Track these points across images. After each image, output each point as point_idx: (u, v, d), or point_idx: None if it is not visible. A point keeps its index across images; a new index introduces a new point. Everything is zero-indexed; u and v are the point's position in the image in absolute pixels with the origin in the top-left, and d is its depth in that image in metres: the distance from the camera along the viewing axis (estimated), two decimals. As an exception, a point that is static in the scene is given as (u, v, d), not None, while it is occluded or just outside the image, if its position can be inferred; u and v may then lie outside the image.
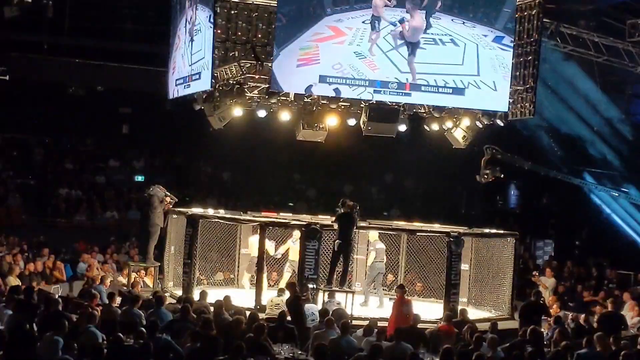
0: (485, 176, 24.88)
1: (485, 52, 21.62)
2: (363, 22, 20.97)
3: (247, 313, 17.25)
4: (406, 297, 18.71)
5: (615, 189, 31.04)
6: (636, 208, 31.77)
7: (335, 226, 20.08)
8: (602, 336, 15.31)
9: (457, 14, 21.42)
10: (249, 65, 21.05)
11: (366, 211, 22.91)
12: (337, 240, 19.90)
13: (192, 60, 22.28)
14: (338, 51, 20.89)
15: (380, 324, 16.77)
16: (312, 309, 17.91)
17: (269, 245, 21.59)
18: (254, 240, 21.88)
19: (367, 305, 21.37)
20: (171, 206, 22.56)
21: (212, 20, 20.86)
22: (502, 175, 25.23)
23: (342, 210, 20.10)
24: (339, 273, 20.26)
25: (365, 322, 16.69)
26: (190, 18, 22.33)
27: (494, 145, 24.96)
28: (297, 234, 21.23)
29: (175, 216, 22.57)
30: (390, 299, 19.91)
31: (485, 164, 24.96)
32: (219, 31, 21.27)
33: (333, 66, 20.80)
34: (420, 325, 17.06)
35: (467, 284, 22.21)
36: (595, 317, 20.69)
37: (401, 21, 21.08)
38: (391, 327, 17.19)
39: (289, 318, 16.84)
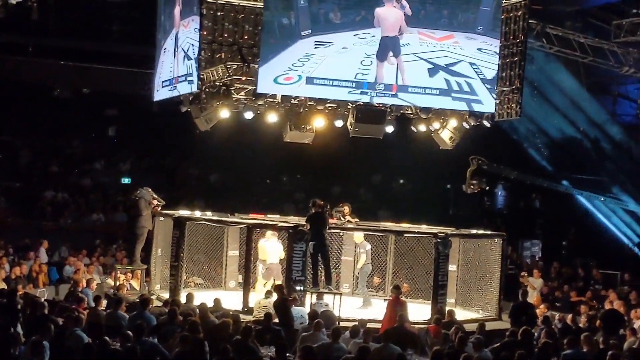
0: (472, 187, 25.20)
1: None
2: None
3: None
4: (401, 298, 18.74)
5: (604, 195, 31.17)
6: (625, 212, 31.86)
7: (307, 227, 20.03)
8: (589, 336, 15.35)
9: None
10: (235, 67, 21.01)
11: (354, 212, 22.88)
12: (311, 242, 19.86)
13: (178, 62, 22.23)
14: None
15: (369, 325, 16.75)
16: (301, 312, 17.89)
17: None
18: (266, 245, 21.35)
19: (366, 307, 21.24)
20: (159, 209, 22.50)
21: (198, 21, 20.82)
22: (487, 187, 25.58)
23: (313, 211, 20.08)
24: (322, 274, 20.26)
25: (353, 324, 16.63)
26: (176, 19, 22.26)
27: (480, 156, 25.17)
28: (268, 234, 21.29)
29: (162, 218, 22.50)
30: (384, 299, 19.90)
31: (471, 175, 25.18)
32: (205, 33, 21.20)
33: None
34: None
35: (454, 284, 22.23)
36: (582, 317, 20.79)
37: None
38: (384, 327, 17.23)
39: (275, 320, 16.84)
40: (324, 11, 20.41)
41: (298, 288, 19.45)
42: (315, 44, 20.46)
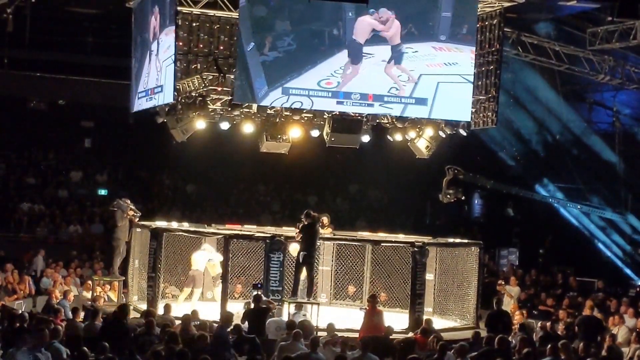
0: (448, 196, 25.32)
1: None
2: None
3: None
4: (378, 307, 18.75)
5: (581, 203, 31.31)
6: (602, 219, 31.98)
7: (299, 237, 20.02)
8: (567, 344, 15.39)
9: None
10: (211, 77, 21.00)
11: (331, 222, 22.89)
12: (302, 252, 19.84)
13: (154, 73, 22.18)
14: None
15: (346, 334, 16.78)
16: (279, 322, 17.87)
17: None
18: (196, 256, 21.82)
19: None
20: (136, 220, 22.45)
21: (173, 32, 20.77)
22: (463, 197, 25.69)
23: (306, 222, 20.08)
24: (303, 284, 20.23)
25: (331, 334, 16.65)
26: (152, 30, 22.22)
27: (456, 166, 25.28)
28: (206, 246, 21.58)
29: (139, 230, 22.44)
30: (360, 309, 19.90)
31: (448, 185, 25.28)
32: (180, 43, 21.20)
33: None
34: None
35: (432, 293, 22.25)
36: (560, 324, 20.84)
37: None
38: (362, 336, 17.22)
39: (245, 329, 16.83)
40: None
41: (275, 298, 19.43)
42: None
